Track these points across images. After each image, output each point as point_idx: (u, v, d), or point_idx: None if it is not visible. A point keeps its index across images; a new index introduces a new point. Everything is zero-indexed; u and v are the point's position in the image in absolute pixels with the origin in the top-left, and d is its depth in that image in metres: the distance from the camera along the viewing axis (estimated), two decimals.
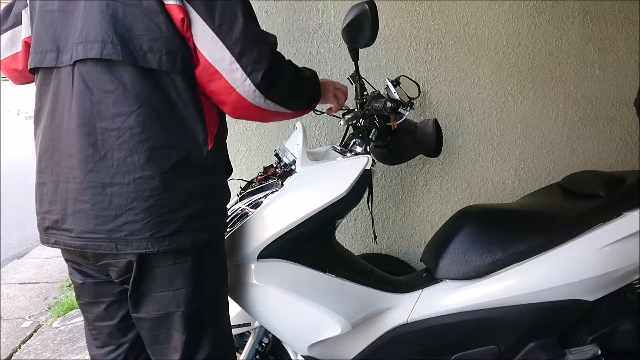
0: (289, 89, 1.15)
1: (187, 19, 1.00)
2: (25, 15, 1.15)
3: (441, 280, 1.55)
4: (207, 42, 1.02)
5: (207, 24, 1.00)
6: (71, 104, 1.02)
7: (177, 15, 0.99)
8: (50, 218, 1.09)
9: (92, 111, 1.00)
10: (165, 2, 0.98)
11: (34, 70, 1.12)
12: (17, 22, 1.18)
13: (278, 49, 1.12)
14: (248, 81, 1.04)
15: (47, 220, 1.10)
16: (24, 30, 1.17)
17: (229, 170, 1.26)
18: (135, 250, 1.03)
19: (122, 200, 1.01)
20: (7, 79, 1.30)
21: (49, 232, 1.11)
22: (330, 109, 1.46)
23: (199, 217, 1.08)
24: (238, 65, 1.03)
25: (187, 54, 1.02)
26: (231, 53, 1.02)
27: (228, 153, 1.26)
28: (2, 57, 1.22)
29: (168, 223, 1.03)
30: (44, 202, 1.10)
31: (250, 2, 1.09)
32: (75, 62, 1.01)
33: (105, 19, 0.98)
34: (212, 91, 1.08)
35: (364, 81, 1.50)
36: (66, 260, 1.19)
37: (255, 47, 1.04)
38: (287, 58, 1.14)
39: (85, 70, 1.01)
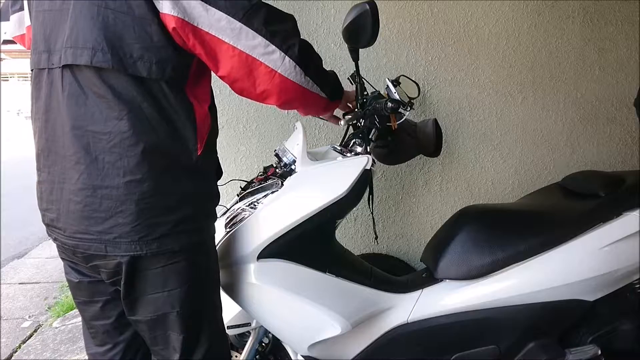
0: (320, 67, 1.19)
1: (190, 26, 0.99)
2: (26, 4, 1.17)
3: (441, 280, 1.55)
4: (236, 35, 1.02)
5: (233, 17, 1.01)
6: (64, 106, 1.02)
7: (170, 25, 0.99)
8: (48, 216, 1.11)
9: (84, 114, 1.01)
10: (161, 11, 0.98)
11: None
12: (22, 8, 1.22)
13: None
14: (287, 58, 1.07)
15: (46, 218, 1.12)
16: (26, 17, 1.19)
17: (219, 173, 1.27)
18: (124, 253, 1.03)
19: (112, 203, 1.02)
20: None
21: (50, 228, 1.13)
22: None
23: (188, 221, 1.09)
24: (274, 46, 1.05)
25: (179, 63, 1.03)
26: (264, 37, 1.04)
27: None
28: (13, 35, 1.29)
29: (157, 226, 1.04)
30: (43, 200, 1.12)
31: None
32: (64, 65, 1.01)
33: (96, 26, 0.98)
34: (250, 84, 1.09)
35: (364, 81, 1.50)
36: (62, 259, 1.20)
37: (283, 25, 1.08)
38: None
39: (76, 74, 1.01)
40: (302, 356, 1.47)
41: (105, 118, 1.00)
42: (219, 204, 1.23)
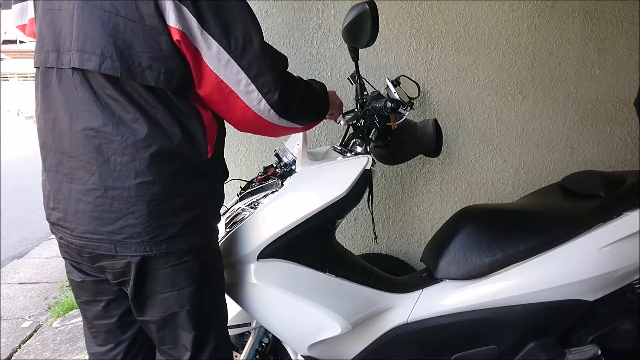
0: (302, 106, 1.18)
1: (189, 42, 0.99)
2: None
3: (441, 280, 1.55)
4: (223, 65, 1.03)
5: (224, 48, 1.01)
6: (75, 107, 1.02)
7: (175, 37, 0.99)
8: (55, 215, 1.11)
9: (97, 115, 1.01)
10: (167, 22, 0.98)
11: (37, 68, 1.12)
12: None
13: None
14: (264, 101, 1.07)
15: (52, 217, 1.12)
16: (30, 10, 1.18)
17: (225, 175, 1.28)
18: (134, 253, 1.04)
19: (122, 204, 1.02)
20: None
21: (56, 227, 1.13)
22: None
23: (197, 222, 1.10)
24: (254, 87, 1.05)
25: (185, 74, 1.03)
26: (247, 75, 1.04)
27: (228, 153, 1.27)
28: (15, 24, 1.28)
29: (167, 227, 1.05)
30: (50, 199, 1.12)
31: (250, 2, 1.09)
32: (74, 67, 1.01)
33: (106, 32, 0.98)
34: (225, 109, 1.10)
35: (364, 81, 1.50)
36: (65, 258, 1.20)
37: (270, 69, 1.06)
38: (297, 75, 1.18)
39: (88, 76, 1.01)
40: (302, 356, 1.47)
41: (118, 120, 1.00)
42: None
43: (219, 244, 1.33)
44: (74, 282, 1.21)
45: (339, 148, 1.48)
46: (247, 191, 1.43)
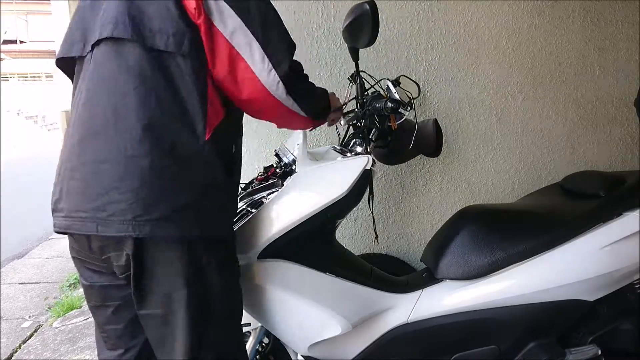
0: (308, 90, 1.20)
1: (204, 10, 1.01)
2: None
3: (441, 280, 1.55)
4: (237, 35, 1.04)
5: (242, 19, 1.03)
6: (84, 85, 1.06)
7: (190, 4, 1.00)
8: (53, 199, 1.10)
9: (96, 89, 1.03)
10: None
11: (60, 61, 1.16)
12: None
13: None
14: (273, 72, 1.07)
15: (52, 203, 1.11)
16: None
17: (230, 170, 1.17)
18: (115, 234, 1.00)
19: (110, 177, 0.99)
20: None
21: (54, 215, 1.10)
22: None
23: (190, 210, 1.03)
24: (266, 56, 1.06)
25: (195, 38, 1.02)
26: (261, 46, 1.05)
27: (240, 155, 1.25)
28: None
29: (154, 207, 0.99)
30: (54, 184, 1.11)
31: None
32: (93, 47, 1.05)
33: (121, 3, 1.02)
34: (233, 85, 1.08)
35: (364, 81, 1.50)
36: (73, 258, 1.17)
37: (282, 41, 1.09)
38: None
39: (100, 52, 1.04)
40: (302, 356, 1.47)
41: (114, 91, 1.01)
42: None
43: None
44: (84, 286, 1.18)
45: (339, 148, 1.48)
46: (247, 191, 1.42)
